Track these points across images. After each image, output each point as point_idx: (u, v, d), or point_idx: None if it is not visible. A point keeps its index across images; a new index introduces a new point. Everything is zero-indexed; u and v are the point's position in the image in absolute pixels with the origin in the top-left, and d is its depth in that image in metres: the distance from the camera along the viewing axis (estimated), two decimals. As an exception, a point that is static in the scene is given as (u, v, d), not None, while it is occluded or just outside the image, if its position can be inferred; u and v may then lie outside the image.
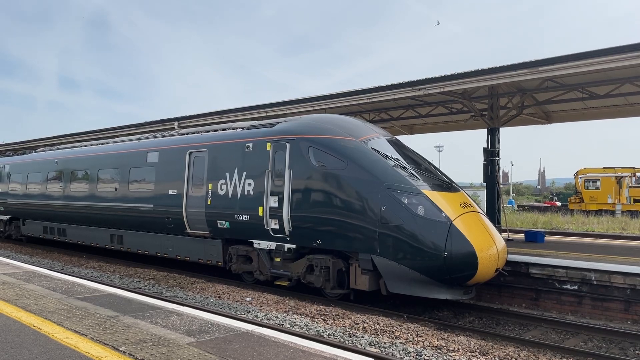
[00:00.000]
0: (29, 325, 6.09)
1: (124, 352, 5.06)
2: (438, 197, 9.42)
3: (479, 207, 10.51)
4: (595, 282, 9.96)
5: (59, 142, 25.18)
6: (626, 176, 35.52)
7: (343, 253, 10.36)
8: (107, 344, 5.32)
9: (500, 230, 13.70)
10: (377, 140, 10.66)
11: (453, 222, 9.02)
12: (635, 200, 34.61)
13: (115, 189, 15.59)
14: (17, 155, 23.64)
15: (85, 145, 18.92)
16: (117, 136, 20.85)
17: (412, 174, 9.81)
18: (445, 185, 10.16)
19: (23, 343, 5.36)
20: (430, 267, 9.03)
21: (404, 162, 10.17)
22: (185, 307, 7.42)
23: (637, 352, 8.16)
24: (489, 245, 9.20)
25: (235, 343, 5.45)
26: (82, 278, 11.22)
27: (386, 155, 10.11)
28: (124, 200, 15.19)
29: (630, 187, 35.46)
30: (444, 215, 9.09)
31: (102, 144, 18.04)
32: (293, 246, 10.89)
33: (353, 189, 9.83)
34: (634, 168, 36.44)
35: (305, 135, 10.83)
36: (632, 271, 9.53)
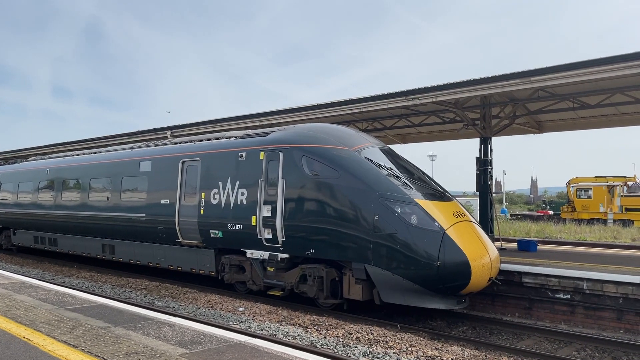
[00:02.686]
0: (19, 336, 6.02)
1: (115, 364, 5.02)
2: (431, 206, 9.43)
3: (472, 216, 10.54)
4: (587, 291, 9.99)
5: (50, 151, 25.04)
6: (618, 185, 35.74)
7: (336, 262, 10.34)
8: (99, 356, 5.27)
9: (493, 239, 13.73)
10: (371, 149, 10.68)
11: (446, 232, 9.04)
12: (627, 209, 34.81)
13: (107, 198, 15.51)
14: (8, 164, 23.48)
15: (77, 155, 18.84)
16: (110, 145, 20.76)
17: (405, 183, 9.83)
18: (438, 194, 10.18)
19: (13, 355, 5.29)
20: (423, 276, 9.02)
21: (397, 172, 10.19)
22: (177, 318, 7.37)
23: (630, 361, 8.18)
24: (482, 255, 9.21)
25: (228, 354, 5.41)
26: (73, 288, 11.14)
27: (379, 165, 10.13)
28: (116, 209, 15.11)
29: (621, 196, 35.67)
30: (437, 224, 9.10)
31: (95, 153, 17.97)
32: (286, 256, 10.85)
33: (346, 198, 9.82)
34: (625, 177, 36.68)
35: (298, 144, 10.84)
36: (624, 280, 9.57)
